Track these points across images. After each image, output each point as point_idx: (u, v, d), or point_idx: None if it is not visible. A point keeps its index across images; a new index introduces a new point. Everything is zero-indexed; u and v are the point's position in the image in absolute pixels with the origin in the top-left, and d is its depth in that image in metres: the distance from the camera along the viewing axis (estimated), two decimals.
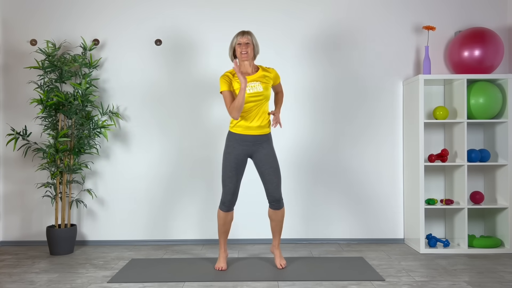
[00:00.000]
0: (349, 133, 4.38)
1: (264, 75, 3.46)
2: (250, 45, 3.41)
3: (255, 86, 3.39)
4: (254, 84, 3.39)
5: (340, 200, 4.38)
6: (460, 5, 4.39)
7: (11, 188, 4.36)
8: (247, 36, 3.40)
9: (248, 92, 3.36)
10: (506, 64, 4.37)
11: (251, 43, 3.41)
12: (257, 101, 3.38)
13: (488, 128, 4.30)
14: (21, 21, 4.37)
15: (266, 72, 3.48)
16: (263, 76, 3.45)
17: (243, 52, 3.38)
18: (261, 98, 3.38)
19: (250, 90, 3.37)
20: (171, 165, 4.37)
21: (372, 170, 4.37)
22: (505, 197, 4.05)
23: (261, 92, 3.38)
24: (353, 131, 4.38)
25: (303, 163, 4.38)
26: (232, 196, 3.46)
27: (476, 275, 3.36)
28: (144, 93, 4.37)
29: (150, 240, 4.36)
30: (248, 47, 3.39)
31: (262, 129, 3.43)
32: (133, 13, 4.37)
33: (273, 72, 3.51)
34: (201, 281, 3.24)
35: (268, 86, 3.43)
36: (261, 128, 3.43)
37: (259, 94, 3.38)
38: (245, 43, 3.39)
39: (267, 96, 3.41)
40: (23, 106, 4.36)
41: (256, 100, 3.38)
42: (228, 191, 3.45)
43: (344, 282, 3.20)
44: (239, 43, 3.40)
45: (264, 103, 3.42)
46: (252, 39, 3.42)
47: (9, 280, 3.32)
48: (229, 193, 3.45)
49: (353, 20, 4.38)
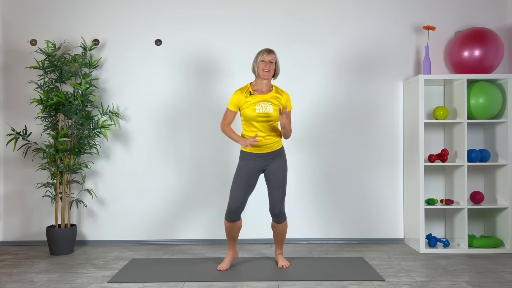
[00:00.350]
0: (349, 133, 4.37)
1: (276, 97, 3.45)
2: (273, 65, 3.42)
3: (265, 107, 3.39)
4: (264, 105, 3.39)
5: (340, 200, 4.37)
6: (460, 5, 4.39)
7: (11, 188, 4.36)
8: (272, 55, 3.40)
9: (257, 112, 3.36)
10: (506, 64, 4.37)
11: (274, 63, 3.42)
12: (266, 121, 3.39)
13: (488, 128, 4.30)
14: (21, 21, 4.37)
15: (278, 94, 3.47)
16: (275, 98, 3.44)
17: (265, 70, 3.39)
18: (270, 119, 3.39)
19: (260, 110, 3.37)
20: (171, 165, 4.36)
21: (372, 170, 4.37)
22: (505, 197, 4.05)
23: (270, 113, 3.38)
24: (353, 131, 4.37)
25: (303, 163, 4.38)
26: (239, 206, 3.41)
27: (476, 275, 3.36)
28: (144, 93, 4.37)
29: (150, 240, 4.36)
30: (271, 66, 3.40)
31: (272, 148, 3.43)
32: (133, 13, 4.37)
33: (285, 97, 3.48)
34: (201, 281, 3.24)
35: (277, 107, 3.42)
36: (270, 147, 3.43)
37: (268, 115, 3.38)
38: (269, 61, 3.40)
39: (276, 118, 3.41)
40: (23, 106, 4.36)
41: (264, 120, 3.39)
42: (233, 199, 3.41)
43: (344, 282, 3.20)
44: (263, 60, 3.40)
45: (272, 124, 3.42)
46: (276, 59, 3.43)
47: (9, 280, 3.32)
48: (234, 202, 3.41)
49: (353, 20, 4.38)
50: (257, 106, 3.38)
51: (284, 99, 3.48)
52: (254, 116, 3.37)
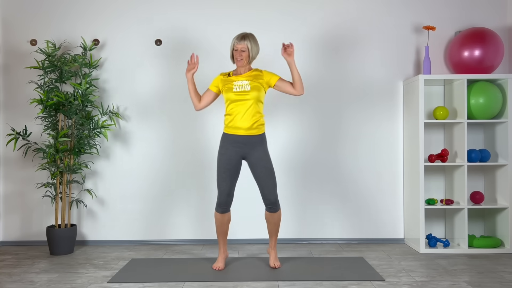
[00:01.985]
0: (349, 133, 4.37)
1: (255, 74, 3.47)
2: (246, 52, 3.42)
3: (243, 85, 3.40)
4: (241, 83, 3.41)
5: (340, 200, 4.38)
6: (460, 5, 4.39)
7: (11, 188, 4.36)
8: (243, 42, 3.41)
9: (234, 91, 3.39)
10: (506, 64, 4.37)
11: (247, 49, 3.42)
12: (243, 100, 3.38)
13: (488, 128, 4.30)
14: (21, 21, 4.37)
15: (257, 72, 3.49)
16: (254, 76, 3.46)
17: (238, 58, 3.43)
18: (248, 97, 3.38)
19: (237, 89, 3.40)
20: (171, 165, 4.37)
21: (372, 169, 4.37)
22: (505, 197, 4.05)
23: (247, 91, 3.38)
24: (353, 131, 4.37)
25: (303, 163, 4.38)
26: (227, 197, 3.45)
27: (476, 275, 3.36)
28: (144, 93, 4.37)
29: (150, 240, 4.36)
30: (243, 54, 3.42)
31: (252, 130, 3.41)
32: (133, 13, 4.37)
33: (264, 72, 3.50)
34: (201, 281, 3.24)
35: (259, 87, 3.41)
36: (251, 129, 3.41)
37: (245, 93, 3.38)
38: (241, 50, 3.42)
39: (255, 97, 3.39)
40: (23, 106, 4.36)
41: (241, 99, 3.38)
42: (222, 192, 3.44)
43: (344, 282, 3.20)
44: (235, 49, 3.43)
45: (253, 104, 3.40)
46: (248, 45, 3.41)
47: (9, 280, 3.32)
48: (223, 195, 3.44)
49: (353, 20, 4.38)
50: (234, 85, 3.41)
51: (265, 74, 3.48)
52: (232, 95, 3.39)
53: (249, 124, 3.39)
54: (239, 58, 3.42)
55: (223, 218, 3.50)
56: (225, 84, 3.46)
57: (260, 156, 3.43)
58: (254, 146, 3.43)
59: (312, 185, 4.38)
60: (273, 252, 3.60)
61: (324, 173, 4.38)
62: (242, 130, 3.40)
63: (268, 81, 3.49)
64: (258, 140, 3.44)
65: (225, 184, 3.43)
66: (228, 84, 3.45)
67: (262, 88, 3.45)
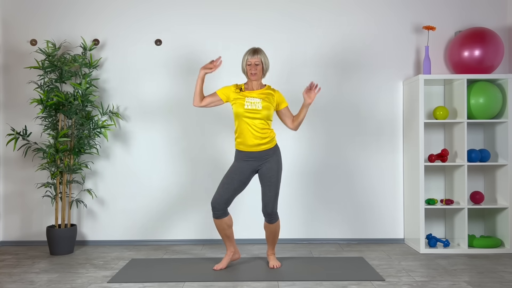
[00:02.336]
0: (349, 133, 4.37)
1: (268, 93, 3.45)
2: (260, 66, 3.42)
3: (255, 103, 3.38)
4: (254, 101, 3.39)
5: (340, 200, 4.37)
6: (460, 5, 4.39)
7: (11, 188, 4.36)
8: (257, 56, 3.40)
9: (245, 108, 3.37)
10: (506, 64, 4.37)
11: (261, 63, 3.42)
12: (253, 118, 3.37)
13: (488, 128, 4.30)
14: (21, 21, 4.37)
15: (270, 91, 3.47)
16: (266, 94, 3.44)
17: (253, 72, 3.41)
18: (258, 116, 3.37)
19: (248, 106, 3.37)
20: (171, 165, 4.36)
21: (372, 170, 4.37)
22: (505, 197, 4.05)
23: (259, 110, 3.37)
24: (353, 131, 4.37)
25: (303, 163, 4.38)
26: (218, 203, 3.39)
27: (476, 275, 3.36)
28: (144, 93, 4.37)
29: (150, 240, 4.36)
30: (257, 68, 3.42)
31: (263, 146, 3.41)
32: (133, 13, 4.37)
33: (277, 93, 3.49)
34: (201, 281, 3.24)
35: (269, 106, 3.40)
36: (262, 145, 3.40)
37: (257, 111, 3.36)
38: (255, 64, 3.41)
39: (265, 116, 3.38)
40: (23, 106, 4.36)
41: (252, 117, 3.37)
42: (216, 195, 3.41)
43: (344, 282, 3.20)
44: (249, 63, 3.41)
45: (262, 122, 3.39)
46: (262, 59, 3.42)
47: (9, 280, 3.32)
48: (215, 198, 3.40)
49: (353, 20, 4.38)
50: (246, 102, 3.39)
51: (277, 96, 3.48)
52: (242, 112, 3.37)
53: (259, 141, 3.39)
54: (253, 72, 3.40)
55: (221, 223, 3.46)
56: (237, 98, 3.42)
57: (270, 167, 3.43)
58: (266, 158, 3.43)
59: (312, 185, 4.37)
60: (272, 256, 3.62)
61: (324, 173, 4.37)
62: (253, 147, 3.40)
63: (278, 104, 3.49)
64: (270, 153, 3.44)
65: (222, 190, 3.40)
66: (240, 99, 3.41)
67: (273, 108, 3.44)
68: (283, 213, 4.36)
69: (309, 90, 3.42)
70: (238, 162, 3.46)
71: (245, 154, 3.43)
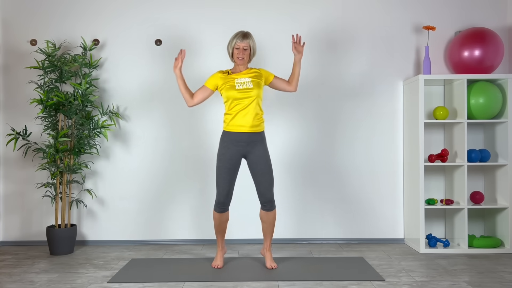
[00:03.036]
0: (349, 133, 4.37)
1: (255, 71, 3.50)
2: (248, 50, 3.44)
3: (245, 83, 3.41)
4: (244, 81, 3.41)
5: (340, 200, 4.37)
6: (460, 5, 4.39)
7: (11, 188, 4.36)
8: (246, 41, 3.42)
9: (237, 88, 3.38)
10: (506, 64, 4.37)
11: (249, 48, 3.44)
12: (246, 97, 3.39)
13: (488, 128, 4.30)
14: (21, 21, 4.37)
15: (256, 70, 3.53)
16: (253, 73, 3.48)
17: (240, 57, 3.43)
18: (251, 95, 3.39)
19: (240, 87, 3.39)
20: (171, 165, 4.36)
21: (372, 169, 4.37)
22: (505, 197, 4.05)
23: (250, 88, 3.39)
24: (353, 131, 4.37)
25: (303, 163, 4.38)
26: (226, 197, 3.45)
27: (476, 275, 3.36)
28: (144, 93, 4.37)
29: (150, 240, 4.36)
30: (245, 53, 3.43)
31: (255, 127, 3.42)
32: (133, 13, 4.37)
33: (261, 70, 3.54)
34: (201, 281, 3.24)
35: (260, 83, 3.43)
36: (254, 127, 3.41)
37: (248, 90, 3.39)
38: (243, 48, 3.42)
39: (257, 94, 3.41)
40: (23, 106, 4.36)
41: (244, 97, 3.39)
42: (222, 192, 3.44)
43: (344, 282, 3.20)
44: (237, 47, 3.42)
45: (255, 100, 3.41)
46: (250, 43, 3.44)
47: (9, 280, 3.32)
48: (222, 194, 3.44)
49: (353, 20, 4.38)
50: (236, 83, 3.41)
51: (263, 72, 3.53)
52: (234, 93, 3.38)
53: (252, 121, 3.40)
54: (241, 57, 3.42)
55: (222, 217, 3.51)
56: (226, 82, 3.44)
57: (260, 153, 3.43)
58: (255, 144, 3.43)
59: (312, 185, 4.38)
60: (268, 253, 3.59)
61: (324, 173, 4.37)
62: (246, 127, 3.40)
63: (267, 79, 3.54)
64: (259, 138, 3.45)
65: (224, 184, 3.43)
66: (229, 82, 3.43)
67: (262, 84, 3.49)
68: (283, 213, 4.36)
69: (296, 44, 3.49)
70: (226, 149, 3.43)
71: (236, 136, 3.41)
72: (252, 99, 3.39)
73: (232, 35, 3.48)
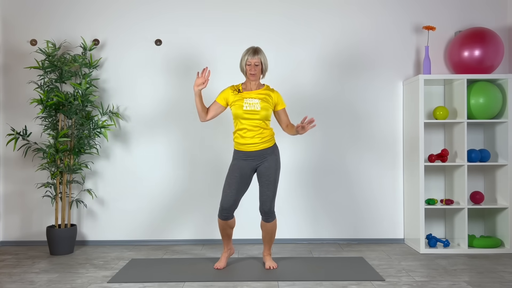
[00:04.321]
0: (349, 133, 4.38)
1: (266, 93, 3.45)
2: (259, 66, 3.42)
3: (253, 104, 3.39)
4: (252, 102, 3.39)
5: (340, 200, 4.37)
6: (460, 5, 4.39)
7: (11, 188, 4.36)
8: (257, 57, 3.40)
9: (244, 109, 3.37)
10: (506, 64, 4.37)
11: (260, 64, 3.42)
12: (253, 119, 3.37)
13: (488, 128, 4.30)
14: (21, 21, 4.37)
15: (268, 91, 3.47)
16: (264, 94, 3.44)
17: (252, 73, 3.40)
18: (258, 117, 3.37)
19: (247, 107, 3.37)
20: (171, 165, 4.37)
21: (372, 170, 4.37)
22: (505, 197, 4.05)
23: (258, 111, 3.37)
24: (353, 131, 4.37)
25: (303, 163, 4.38)
26: (230, 204, 3.40)
27: (476, 275, 3.36)
28: (144, 93, 4.37)
29: (150, 240, 4.36)
30: (257, 68, 3.41)
31: (263, 145, 3.41)
32: (133, 13, 4.37)
33: (275, 94, 3.47)
34: (201, 281, 3.24)
35: (268, 106, 3.40)
36: (263, 144, 3.41)
37: (255, 112, 3.37)
38: (255, 64, 3.40)
39: (264, 116, 3.38)
40: (23, 106, 4.36)
41: (251, 118, 3.37)
42: (225, 198, 3.41)
43: (344, 282, 3.20)
44: (248, 63, 3.40)
45: (261, 122, 3.39)
46: (261, 59, 3.42)
47: (9, 280, 3.32)
48: (226, 201, 3.40)
49: (353, 20, 4.38)
50: (244, 103, 3.39)
51: (275, 96, 3.47)
52: (241, 113, 3.37)
53: (259, 140, 3.40)
54: (252, 73, 3.40)
55: (226, 224, 3.49)
56: (235, 100, 3.42)
57: (269, 165, 3.43)
58: (265, 157, 3.44)
59: (312, 185, 4.38)
60: (268, 257, 3.60)
61: (324, 173, 4.37)
62: (253, 146, 3.40)
63: (276, 105, 3.48)
64: (269, 151, 3.45)
65: (229, 190, 3.40)
66: (238, 101, 3.41)
67: (271, 108, 3.44)
68: (283, 213, 4.36)
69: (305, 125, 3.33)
70: (237, 161, 3.46)
71: (244, 153, 3.43)
72: (259, 121, 3.38)
73: (244, 52, 3.45)
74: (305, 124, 3.31)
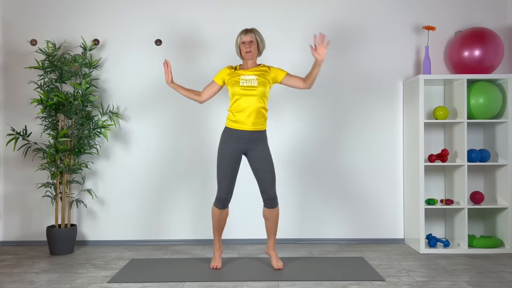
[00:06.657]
0: (349, 133, 4.38)
1: (263, 70, 3.45)
2: (254, 43, 3.41)
3: (250, 80, 3.38)
4: (249, 78, 3.38)
5: (340, 200, 4.38)
6: (460, 5, 4.39)
7: (11, 188, 4.36)
8: (250, 34, 3.40)
9: (241, 85, 3.37)
10: (506, 64, 4.37)
11: (255, 41, 3.41)
12: (250, 95, 3.37)
13: (488, 128, 4.30)
14: (21, 21, 4.37)
15: (265, 67, 3.47)
16: (261, 71, 3.44)
17: (247, 51, 3.40)
18: (255, 93, 3.37)
19: (244, 83, 3.37)
20: (171, 165, 4.37)
21: (372, 170, 4.37)
22: (505, 197, 4.05)
23: (255, 86, 3.36)
24: (353, 131, 4.38)
25: (303, 163, 4.38)
26: (227, 194, 3.44)
27: (476, 275, 3.36)
28: (144, 93, 4.37)
29: (150, 240, 4.37)
30: (251, 45, 3.40)
31: (257, 126, 3.41)
32: (133, 13, 4.37)
33: (271, 68, 3.48)
34: (201, 281, 3.24)
35: (265, 82, 3.39)
36: (256, 125, 3.40)
37: (252, 88, 3.36)
38: (249, 41, 3.40)
39: (261, 92, 3.38)
40: (23, 106, 4.36)
41: (249, 94, 3.37)
42: (223, 189, 3.43)
43: (344, 282, 3.20)
44: (243, 41, 3.41)
45: (259, 99, 3.39)
46: (256, 37, 3.42)
47: (9, 280, 3.32)
48: (224, 191, 3.43)
49: (353, 20, 4.38)
50: (241, 79, 3.38)
51: (272, 70, 3.46)
52: (238, 89, 3.37)
53: (255, 119, 3.38)
54: (248, 50, 3.39)
55: (222, 213, 3.50)
56: (232, 77, 3.43)
57: (262, 151, 3.42)
58: (256, 141, 3.42)
59: (312, 185, 4.38)
60: (273, 253, 3.57)
61: (324, 173, 4.38)
62: (248, 125, 3.38)
63: (275, 77, 3.47)
64: (260, 136, 3.44)
65: (226, 181, 3.42)
66: (235, 77, 3.41)
67: (268, 84, 3.43)
68: (284, 213, 4.36)
69: (318, 46, 3.24)
70: (226, 145, 3.41)
71: (237, 133, 3.40)
72: (256, 97, 3.37)
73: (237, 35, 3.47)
74: (318, 44, 3.22)
